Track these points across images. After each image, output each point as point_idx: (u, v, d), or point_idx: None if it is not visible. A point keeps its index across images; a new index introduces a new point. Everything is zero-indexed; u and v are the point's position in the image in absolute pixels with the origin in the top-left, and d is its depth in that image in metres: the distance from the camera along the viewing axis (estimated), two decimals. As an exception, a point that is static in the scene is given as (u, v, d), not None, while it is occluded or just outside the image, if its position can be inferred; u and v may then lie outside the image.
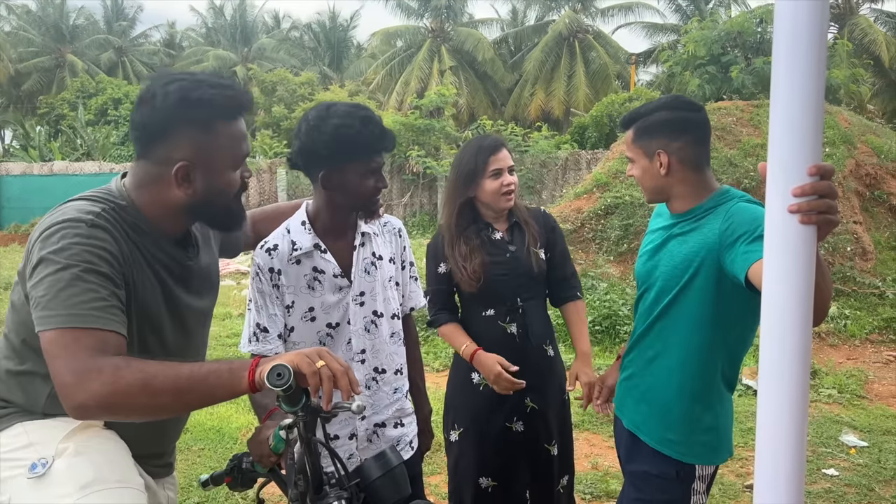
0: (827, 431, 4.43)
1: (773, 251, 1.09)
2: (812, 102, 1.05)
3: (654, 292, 1.94)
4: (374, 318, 1.98)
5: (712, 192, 1.88)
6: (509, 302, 2.42)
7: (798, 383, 1.09)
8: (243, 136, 1.50)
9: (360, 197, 1.88)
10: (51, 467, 1.33)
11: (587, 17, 30.53)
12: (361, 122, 1.80)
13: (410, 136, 16.90)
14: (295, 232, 1.95)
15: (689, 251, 1.84)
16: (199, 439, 4.34)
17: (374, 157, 1.85)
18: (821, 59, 1.05)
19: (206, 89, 1.41)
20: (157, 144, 1.43)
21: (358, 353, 1.97)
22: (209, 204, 1.47)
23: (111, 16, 43.23)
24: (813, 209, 1.05)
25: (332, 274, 1.93)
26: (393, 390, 2.04)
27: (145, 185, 1.47)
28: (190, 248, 1.59)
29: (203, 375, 1.27)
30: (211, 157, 1.44)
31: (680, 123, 1.88)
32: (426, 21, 31.47)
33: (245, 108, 1.49)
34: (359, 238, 1.97)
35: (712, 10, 26.46)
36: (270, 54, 37.29)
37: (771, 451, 1.10)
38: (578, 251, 7.65)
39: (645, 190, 1.97)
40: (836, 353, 6.17)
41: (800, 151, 1.06)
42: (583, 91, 26.93)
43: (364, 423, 1.98)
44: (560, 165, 16.72)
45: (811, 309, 1.09)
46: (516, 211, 2.50)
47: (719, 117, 8.75)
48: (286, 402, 1.22)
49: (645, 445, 1.96)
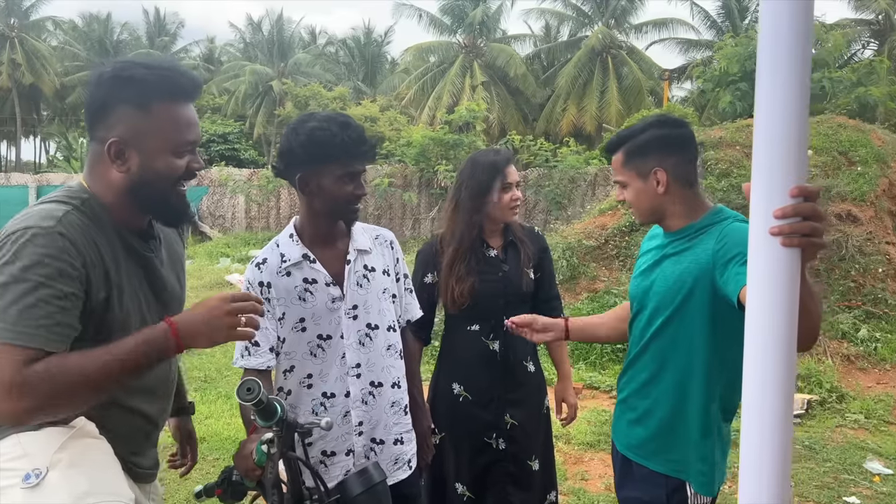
0: (851, 458, 4.30)
1: (756, 274, 1.07)
2: (795, 118, 1.02)
3: (647, 313, 1.91)
4: (369, 331, 1.97)
5: (706, 211, 1.86)
6: (495, 319, 2.43)
7: (780, 412, 1.06)
8: (187, 122, 1.48)
9: (338, 202, 1.87)
10: (45, 478, 1.34)
11: (620, 33, 30.43)
12: (339, 126, 1.82)
13: (439, 150, 16.96)
14: (284, 245, 1.96)
15: (682, 271, 1.81)
16: (215, 448, 4.38)
17: (350, 162, 1.85)
18: (804, 70, 1.01)
19: (141, 69, 1.43)
20: (98, 124, 1.45)
21: (353, 368, 1.95)
22: (145, 186, 1.46)
23: (153, 31, 44.43)
24: (795, 231, 1.02)
25: (325, 282, 1.92)
26: (390, 404, 2.01)
27: (93, 167, 1.49)
28: (151, 241, 1.59)
29: (118, 355, 1.32)
30: (145, 136, 1.44)
31: (671, 141, 1.87)
32: (459, 37, 31.66)
33: (188, 93, 1.48)
34: (353, 254, 1.97)
35: (748, 25, 26.18)
36: (306, 69, 37.86)
37: (754, 480, 1.07)
38: (602, 268, 7.57)
39: (639, 212, 1.95)
40: (865, 376, 5.99)
41: (783, 171, 1.03)
42: (615, 107, 26.78)
43: (361, 438, 1.96)
44: (589, 181, 16.60)
45: (795, 334, 1.06)
46: (513, 228, 2.52)
47: (748, 134, 8.61)
48: (260, 416, 1.22)
49: (638, 468, 1.92)
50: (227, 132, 28.01)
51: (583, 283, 7.36)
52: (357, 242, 1.99)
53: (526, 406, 2.48)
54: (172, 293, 1.67)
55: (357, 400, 1.95)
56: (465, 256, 2.43)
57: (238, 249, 16.23)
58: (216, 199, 19.57)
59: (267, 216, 19.51)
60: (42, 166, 41.95)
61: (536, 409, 2.53)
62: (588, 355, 6.32)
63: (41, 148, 46.98)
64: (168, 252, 1.69)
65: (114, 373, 1.32)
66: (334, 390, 1.94)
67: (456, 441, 2.46)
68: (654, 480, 1.87)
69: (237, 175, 19.22)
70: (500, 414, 2.43)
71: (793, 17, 1.00)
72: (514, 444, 2.45)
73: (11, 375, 1.26)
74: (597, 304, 6.94)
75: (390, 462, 2.00)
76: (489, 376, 2.44)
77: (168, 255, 1.68)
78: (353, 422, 1.95)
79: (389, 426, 2.01)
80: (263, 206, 19.32)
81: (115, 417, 1.52)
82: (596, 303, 6.99)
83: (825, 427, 4.82)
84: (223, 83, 37.62)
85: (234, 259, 14.95)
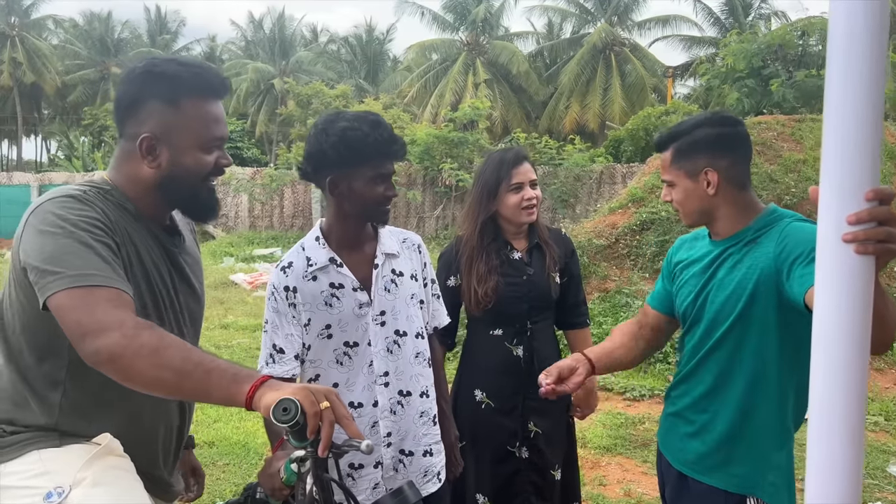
0: (873, 462, 4.22)
1: (825, 284, 1.00)
2: (870, 119, 0.95)
3: (703, 325, 1.81)
4: (397, 338, 1.89)
5: (759, 213, 1.77)
6: (519, 324, 2.37)
7: (852, 429, 0.99)
8: (215, 118, 1.50)
9: (369, 204, 1.82)
10: (67, 497, 1.30)
11: (623, 30, 30.36)
12: (370, 126, 1.76)
13: (443, 148, 16.89)
14: (310, 248, 1.90)
15: (742, 278, 1.71)
16: (225, 454, 4.31)
17: (382, 162, 1.80)
18: (879, 73, 0.96)
19: (172, 65, 1.46)
20: (129, 120, 1.46)
21: (381, 377, 1.88)
22: (175, 181, 1.47)
23: (155, 30, 44.39)
24: (870, 238, 0.95)
25: (352, 287, 1.86)
26: (419, 414, 1.94)
27: (121, 163, 1.49)
28: (176, 237, 1.59)
29: (209, 368, 1.21)
30: (175, 132, 1.45)
31: (725, 140, 1.77)
32: (462, 34, 31.61)
33: (216, 90, 1.50)
34: (381, 258, 1.90)
35: (752, 22, 26.09)
36: (308, 67, 37.80)
37: (822, 495, 1.00)
38: (612, 267, 7.50)
39: (686, 214, 1.84)
40: (882, 377, 5.92)
41: (855, 174, 0.97)
42: (618, 104, 26.72)
43: (390, 450, 1.89)
44: (595, 179, 16.54)
45: (867, 347, 0.99)
46: (538, 230, 2.45)
47: (759, 132, 8.54)
48: (294, 437, 1.15)
49: (695, 484, 1.82)
50: (229, 131, 27.93)
51: (593, 282, 7.28)
52: (385, 246, 1.93)
53: (550, 414, 2.41)
54: (197, 295, 1.64)
55: (385, 410, 1.88)
56: (481, 255, 2.36)
57: (242, 249, 16.19)
58: (219, 197, 19.48)
59: (270, 215, 19.45)
60: (43, 165, 41.93)
61: (560, 417, 2.46)
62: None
63: (42, 147, 47.02)
64: (191, 252, 1.66)
65: (185, 372, 1.21)
66: (361, 400, 1.87)
67: (478, 450, 2.38)
68: (712, 497, 1.78)
69: (240, 174, 19.16)
70: (524, 422, 2.36)
71: (868, 15, 0.94)
72: (537, 453, 2.38)
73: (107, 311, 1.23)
74: (608, 304, 6.87)
75: (419, 474, 1.93)
76: (512, 383, 2.36)
77: (191, 255, 1.66)
78: (381, 433, 1.88)
79: (419, 437, 1.94)
80: (267, 205, 19.27)
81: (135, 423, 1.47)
82: (607, 302, 6.92)
83: (843, 429, 4.74)
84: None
85: (237, 258, 14.90)
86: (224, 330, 8.01)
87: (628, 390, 5.52)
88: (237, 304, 9.60)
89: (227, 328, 8.11)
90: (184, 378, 1.21)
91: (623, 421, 4.88)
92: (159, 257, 1.51)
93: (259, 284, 11.03)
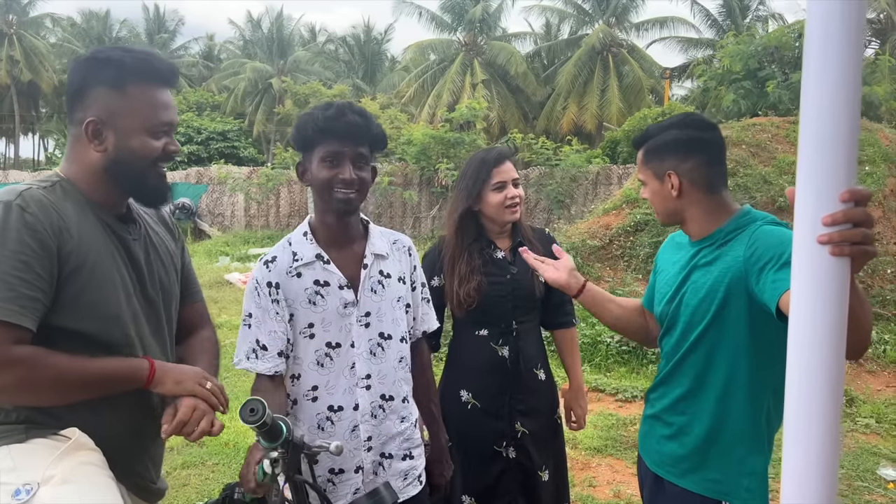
0: (864, 464, 4.22)
1: (801, 285, 0.99)
2: (846, 119, 0.95)
3: (679, 328, 1.81)
4: (382, 341, 1.85)
5: (732, 215, 1.77)
6: (504, 324, 2.35)
7: (827, 431, 0.99)
8: (163, 104, 1.52)
9: (321, 189, 1.75)
10: (35, 494, 1.29)
11: (621, 31, 30.35)
12: (322, 109, 1.74)
13: (440, 149, 16.86)
14: (296, 243, 1.84)
15: (714, 281, 1.72)
16: (215, 454, 4.29)
17: (330, 141, 1.73)
18: (856, 71, 0.95)
19: (117, 52, 1.49)
20: (76, 107, 1.49)
21: (362, 379, 1.83)
22: (122, 164, 1.48)
23: (153, 28, 44.34)
24: (846, 239, 0.95)
25: (338, 285, 1.80)
26: (400, 419, 1.90)
27: (70, 151, 1.51)
28: (131, 225, 1.58)
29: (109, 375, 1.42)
30: (121, 116, 1.47)
31: (690, 143, 1.78)
32: (459, 35, 31.58)
33: (164, 77, 1.52)
34: (370, 258, 1.85)
35: (749, 24, 26.11)
36: (306, 67, 37.76)
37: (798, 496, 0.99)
38: (606, 268, 7.49)
39: (657, 213, 1.88)
40: (874, 379, 5.91)
41: (832, 175, 0.96)
42: (616, 105, 26.71)
43: (370, 454, 1.84)
44: (591, 180, 16.53)
45: (843, 350, 0.98)
46: (521, 230, 2.43)
47: (754, 133, 8.54)
48: (264, 437, 1.14)
49: (670, 487, 1.82)
50: (226, 130, 27.90)
51: (587, 283, 7.27)
52: (375, 246, 1.88)
53: (537, 414, 2.39)
54: (162, 284, 1.64)
55: (366, 413, 1.83)
56: (462, 256, 2.34)
57: (237, 248, 16.14)
58: (215, 197, 19.48)
59: (266, 214, 19.41)
60: (41, 163, 41.85)
61: (548, 417, 2.44)
62: (593, 357, 6.25)
63: (40, 145, 46.92)
64: (157, 244, 1.65)
65: (87, 384, 1.40)
66: (342, 403, 1.82)
67: (464, 451, 2.36)
68: (687, 500, 1.78)
69: (236, 173, 19.12)
70: (511, 422, 2.34)
71: (844, 16, 0.93)
72: (525, 453, 2.36)
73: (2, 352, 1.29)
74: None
75: (399, 478, 1.90)
76: (499, 383, 2.35)
77: (157, 247, 1.65)
78: (361, 437, 1.83)
79: (399, 441, 1.90)
80: (263, 205, 19.22)
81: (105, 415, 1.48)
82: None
83: (835, 431, 4.74)
84: (222, 81, 37.53)
85: (233, 258, 14.85)
86: (217, 329, 7.96)
87: (620, 391, 5.52)
88: (231, 304, 9.57)
89: (221, 327, 8.08)
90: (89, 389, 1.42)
91: (614, 422, 4.87)
92: (107, 246, 1.49)
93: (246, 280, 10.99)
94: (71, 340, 1.40)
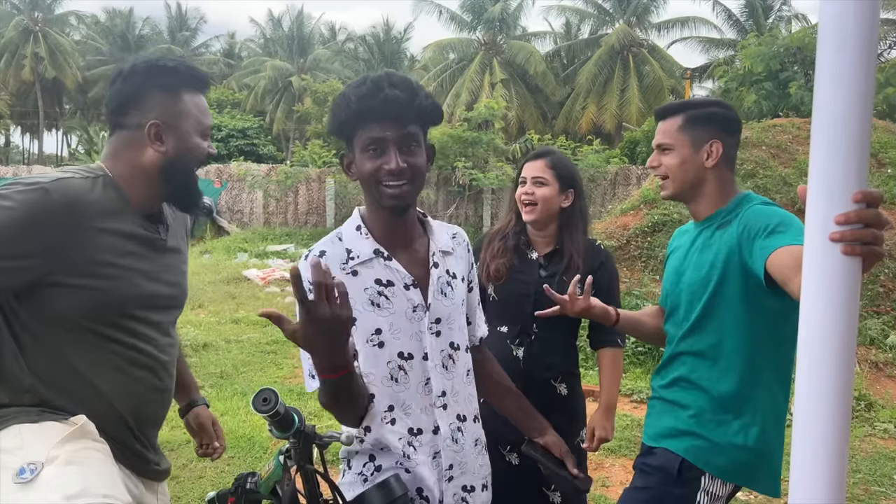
0: (881, 469, 4.17)
1: (812, 283, 0.99)
2: (858, 119, 0.95)
3: (682, 309, 1.88)
4: (452, 352, 1.57)
5: (734, 196, 1.87)
6: (522, 324, 2.30)
7: (837, 429, 0.98)
8: (206, 109, 1.67)
9: (368, 184, 1.47)
10: (39, 474, 1.32)
11: (642, 31, 30.18)
12: (371, 85, 1.42)
13: (458, 148, 16.89)
14: (349, 238, 1.54)
15: (712, 258, 1.79)
16: (231, 447, 4.33)
17: (369, 126, 1.43)
18: (869, 72, 0.95)
19: (170, 61, 1.61)
20: (131, 112, 1.57)
21: (439, 397, 1.54)
22: (178, 164, 1.59)
23: (175, 26, 44.74)
24: (858, 239, 0.95)
25: (403, 285, 1.51)
26: (474, 442, 1.64)
27: (120, 153, 1.58)
28: (160, 226, 1.66)
29: None
30: (179, 119, 1.59)
31: (733, 123, 1.90)
32: (479, 34, 31.56)
33: (205, 84, 1.66)
34: (438, 255, 1.59)
35: (772, 24, 25.84)
36: (325, 65, 37.93)
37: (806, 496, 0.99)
38: (623, 269, 7.46)
39: (675, 181, 1.89)
40: (894, 384, 5.84)
41: (844, 175, 0.96)
42: (635, 105, 26.57)
43: (451, 485, 1.56)
44: (609, 180, 16.46)
45: (853, 347, 0.99)
46: (564, 237, 2.34)
47: (775, 134, 8.47)
48: (276, 427, 1.16)
49: (658, 451, 1.87)
50: (246, 127, 28.12)
51: (603, 283, 7.25)
52: (439, 242, 1.61)
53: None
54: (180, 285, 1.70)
55: (447, 437, 1.55)
56: (503, 235, 2.39)
57: (256, 244, 16.26)
58: (234, 194, 19.64)
59: (285, 212, 19.54)
60: (64, 159, 42.41)
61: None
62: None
63: (63, 141, 47.56)
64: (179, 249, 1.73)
65: None
66: (420, 425, 1.53)
67: None
68: (668, 459, 1.82)
69: (255, 170, 19.27)
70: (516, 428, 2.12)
71: (857, 14, 0.93)
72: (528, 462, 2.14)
73: None
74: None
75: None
76: None
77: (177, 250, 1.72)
78: (443, 465, 1.54)
79: (476, 468, 1.63)
80: (281, 202, 19.36)
81: None
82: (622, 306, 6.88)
83: (854, 436, 4.69)
84: (243, 78, 37.82)
85: (251, 254, 14.97)
86: (235, 325, 8.05)
87: (635, 392, 5.50)
88: (249, 300, 9.65)
89: (238, 323, 8.15)
90: None
91: (629, 423, 4.85)
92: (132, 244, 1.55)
93: (271, 280, 11.07)
94: None
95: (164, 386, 1.65)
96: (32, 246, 1.39)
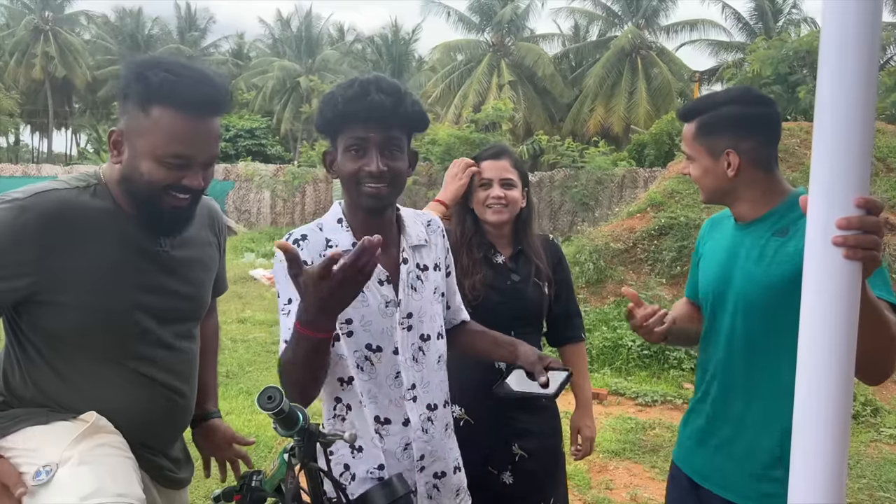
0: (887, 474, 4.15)
1: (812, 288, 1.00)
2: (860, 124, 0.95)
3: (727, 322, 1.67)
4: (422, 344, 1.61)
5: (784, 196, 1.64)
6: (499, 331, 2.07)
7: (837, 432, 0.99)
8: (184, 135, 1.39)
9: (348, 183, 1.51)
10: (54, 475, 1.32)
11: (650, 33, 30.14)
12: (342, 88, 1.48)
13: (465, 149, 16.89)
14: (329, 229, 1.58)
15: (773, 272, 1.57)
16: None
17: (353, 127, 1.46)
18: (871, 77, 0.95)
19: (156, 70, 1.38)
20: (119, 109, 1.47)
21: (409, 390, 1.58)
22: (131, 183, 1.43)
23: (184, 26, 44.93)
24: (860, 244, 0.95)
25: (378, 280, 1.54)
26: (444, 427, 1.67)
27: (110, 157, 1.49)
28: (162, 238, 1.53)
29: None
30: (136, 135, 1.40)
31: (752, 121, 1.64)
32: (487, 35, 31.60)
33: (195, 106, 1.39)
34: (408, 251, 1.62)
35: (782, 27, 25.76)
36: (334, 66, 38.04)
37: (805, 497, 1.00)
38: (629, 272, 7.46)
39: (704, 190, 1.73)
40: (901, 390, 5.81)
41: (846, 180, 0.97)
42: (643, 108, 26.54)
43: (423, 475, 1.61)
44: (616, 183, 16.44)
45: (853, 352, 0.99)
46: (522, 235, 2.24)
47: (783, 138, 8.42)
48: (281, 425, 1.17)
49: (711, 497, 1.69)
50: (254, 128, 28.23)
51: (609, 286, 7.25)
52: (411, 237, 1.63)
53: (538, 435, 2.15)
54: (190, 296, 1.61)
55: (417, 429, 1.59)
56: (463, 248, 2.16)
57: (263, 244, 16.31)
58: (242, 193, 19.72)
59: (292, 212, 19.60)
60: (73, 158, 42.64)
61: (550, 439, 2.20)
62: (614, 361, 6.22)
63: (72, 140, 47.86)
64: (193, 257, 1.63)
65: None
66: (388, 416, 1.57)
67: None
68: None
69: (263, 170, 19.36)
70: (507, 443, 2.11)
71: (860, 17, 0.94)
72: (524, 479, 2.11)
73: None
74: (624, 309, 6.84)
75: (452, 495, 1.67)
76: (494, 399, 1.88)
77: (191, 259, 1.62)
78: (414, 456, 1.59)
79: (447, 453, 1.66)
80: (289, 202, 19.43)
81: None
82: (623, 307, 6.88)
83: (859, 442, 4.68)
84: (251, 79, 37.94)
85: (258, 254, 15.02)
86: (241, 324, 8.09)
87: (640, 395, 5.49)
88: (255, 300, 9.69)
89: (245, 322, 8.19)
90: None
91: (633, 425, 4.85)
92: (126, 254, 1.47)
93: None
94: None
95: (171, 401, 1.59)
96: (10, 264, 1.34)
